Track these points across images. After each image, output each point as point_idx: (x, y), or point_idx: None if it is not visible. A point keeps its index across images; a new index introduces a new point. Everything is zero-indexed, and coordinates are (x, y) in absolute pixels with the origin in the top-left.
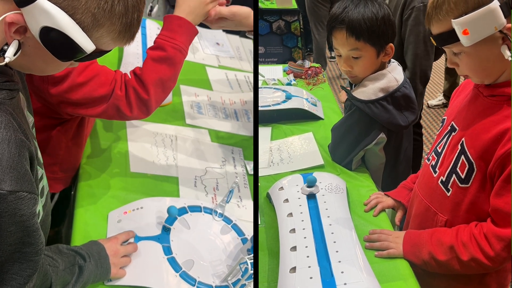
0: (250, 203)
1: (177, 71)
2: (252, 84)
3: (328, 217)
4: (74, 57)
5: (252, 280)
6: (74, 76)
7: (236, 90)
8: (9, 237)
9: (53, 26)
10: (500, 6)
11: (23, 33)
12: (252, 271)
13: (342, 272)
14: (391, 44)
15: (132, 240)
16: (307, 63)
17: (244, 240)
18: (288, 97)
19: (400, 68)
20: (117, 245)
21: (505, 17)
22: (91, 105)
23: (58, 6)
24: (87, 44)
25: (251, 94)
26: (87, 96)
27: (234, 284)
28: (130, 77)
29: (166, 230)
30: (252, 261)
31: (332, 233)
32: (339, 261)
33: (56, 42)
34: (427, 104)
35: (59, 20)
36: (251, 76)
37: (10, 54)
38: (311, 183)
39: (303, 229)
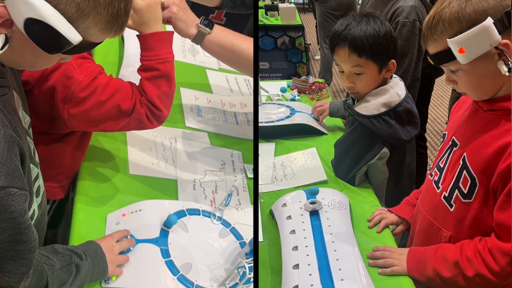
0: (249, 207)
1: (173, 78)
2: (253, 87)
3: (331, 233)
4: (61, 49)
5: (252, 284)
6: (97, 94)
7: (236, 93)
8: (0, 235)
9: (37, 17)
10: (494, 23)
11: (10, 27)
12: (250, 275)
13: None
14: (393, 60)
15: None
16: (311, 79)
17: (242, 244)
18: (292, 112)
19: (402, 84)
20: (112, 242)
21: (500, 33)
22: (113, 120)
23: None
24: (73, 35)
25: (251, 98)
26: (110, 111)
27: None
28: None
29: (164, 232)
30: (251, 265)
31: (335, 250)
32: (342, 279)
33: (41, 34)
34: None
35: (42, 10)
36: (251, 79)
37: None
38: (313, 193)
39: (306, 246)
